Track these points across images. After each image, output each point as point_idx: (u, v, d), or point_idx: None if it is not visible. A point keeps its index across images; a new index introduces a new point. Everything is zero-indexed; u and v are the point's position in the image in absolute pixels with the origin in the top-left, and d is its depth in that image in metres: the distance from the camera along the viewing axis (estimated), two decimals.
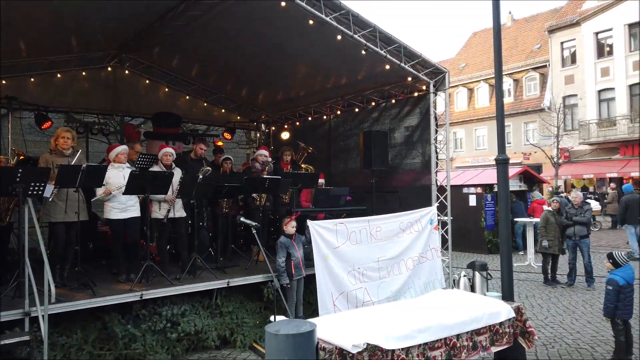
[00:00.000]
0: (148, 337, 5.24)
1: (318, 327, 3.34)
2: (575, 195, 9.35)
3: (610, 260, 5.35)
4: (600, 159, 25.89)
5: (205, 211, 7.56)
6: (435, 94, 7.98)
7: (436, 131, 7.95)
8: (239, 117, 11.76)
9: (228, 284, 5.96)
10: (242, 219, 4.98)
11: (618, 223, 10.05)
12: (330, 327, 3.74)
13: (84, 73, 9.26)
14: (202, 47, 8.44)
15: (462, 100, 33.81)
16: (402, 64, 7.28)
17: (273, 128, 12.00)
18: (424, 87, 8.02)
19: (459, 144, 33.99)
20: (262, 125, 12.20)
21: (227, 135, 11.33)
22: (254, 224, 4.66)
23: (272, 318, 3.99)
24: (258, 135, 12.34)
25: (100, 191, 5.76)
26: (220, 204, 7.28)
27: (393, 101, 8.73)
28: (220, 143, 10.75)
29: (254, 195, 7.35)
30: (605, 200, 19.68)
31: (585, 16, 26.62)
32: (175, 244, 7.01)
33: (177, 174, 6.30)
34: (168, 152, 6.47)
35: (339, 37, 6.63)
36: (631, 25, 24.71)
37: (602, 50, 26.16)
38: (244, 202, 7.83)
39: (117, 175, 5.87)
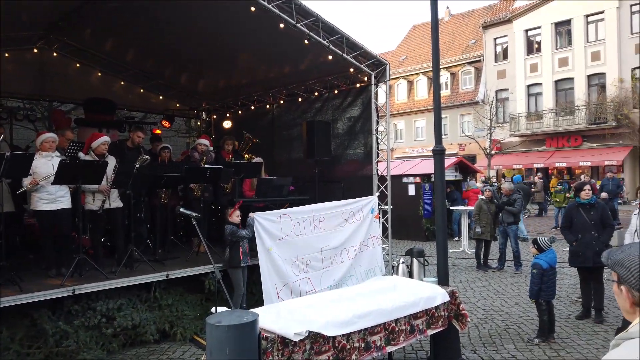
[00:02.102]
0: (81, 333, 5.02)
1: (260, 316, 3.34)
2: (503, 187, 9.94)
3: (535, 246, 5.72)
4: (528, 150, 27.52)
5: (142, 202, 7.31)
6: (377, 86, 8.12)
7: (377, 122, 8.11)
8: (178, 105, 11.40)
9: (167, 277, 5.82)
10: (181, 209, 4.85)
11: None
12: (273, 316, 3.75)
13: (7, 54, 8.59)
14: (138, 31, 8.07)
15: (402, 92, 34.67)
16: (345, 55, 7.34)
17: (214, 116, 11.74)
18: (366, 79, 8.14)
19: (399, 134, 34.88)
20: (203, 114, 11.90)
21: (166, 123, 10.95)
22: (194, 214, 4.55)
23: (213, 309, 3.94)
24: (198, 123, 12.03)
25: (26, 182, 5.41)
26: (159, 194, 7.06)
27: (336, 92, 8.80)
28: (158, 131, 10.38)
29: (192, 185, 7.19)
30: (532, 189, 20.92)
31: (516, 14, 28.02)
32: (111, 236, 6.73)
33: (111, 162, 6.04)
34: (107, 141, 6.18)
35: (281, 25, 6.57)
36: (557, 24, 26.31)
37: (532, 47, 27.68)
38: (183, 192, 7.63)
39: (46, 164, 5.54)
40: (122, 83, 10.24)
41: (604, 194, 12.28)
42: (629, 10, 23.90)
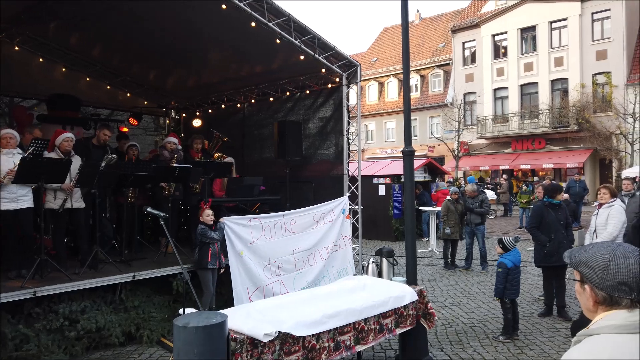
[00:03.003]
0: (43, 336, 4.86)
1: (229, 317, 3.31)
2: (467, 189, 10.17)
3: (500, 245, 5.85)
4: (494, 152, 28.21)
5: (108, 201, 7.13)
6: (348, 87, 8.17)
7: (348, 123, 8.15)
8: (146, 102, 11.16)
9: (134, 278, 5.68)
10: (148, 209, 4.76)
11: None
12: (242, 317, 3.72)
13: None
14: (105, 26, 7.85)
15: (373, 93, 34.99)
16: (316, 55, 7.35)
17: (184, 115, 11.56)
18: (337, 79, 8.17)
19: (370, 135, 35.18)
20: (172, 112, 11.69)
21: (133, 121, 10.70)
22: (162, 214, 4.47)
23: (181, 311, 3.88)
24: (167, 121, 11.82)
25: None
26: (125, 193, 6.90)
27: (307, 92, 8.80)
28: (125, 129, 10.13)
29: (163, 184, 7.06)
30: (498, 190, 21.47)
31: (484, 19, 28.68)
32: (74, 236, 6.54)
33: (76, 161, 5.86)
34: (69, 137, 5.99)
35: (253, 24, 6.53)
36: (523, 30, 27.08)
37: (498, 51, 28.39)
38: (151, 191, 7.49)
39: (7, 161, 5.33)
40: (88, 79, 9.94)
41: (566, 195, 12.68)
42: (590, 18, 24.82)
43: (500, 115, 28.01)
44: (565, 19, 25.44)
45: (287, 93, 9.13)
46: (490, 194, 21.27)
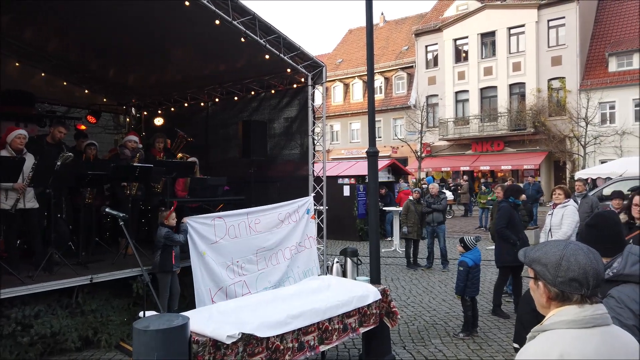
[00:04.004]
0: None
1: (192, 319, 3.25)
2: (432, 187, 10.40)
3: (462, 244, 5.99)
4: (455, 154, 28.89)
5: (64, 201, 6.87)
6: (313, 87, 8.18)
7: (314, 123, 8.17)
8: (105, 100, 10.83)
9: (91, 280, 5.50)
10: (107, 209, 4.62)
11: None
12: (205, 319, 3.66)
13: None
14: (62, 19, 7.57)
15: (339, 94, 35.19)
16: (282, 55, 7.32)
17: (145, 113, 11.29)
18: (303, 80, 8.17)
19: (335, 136, 35.35)
20: (133, 110, 11.39)
21: (92, 119, 10.36)
22: (121, 214, 4.34)
23: (141, 314, 3.78)
24: (127, 120, 11.50)
25: None
26: (82, 193, 6.67)
27: (273, 92, 8.75)
28: (83, 127, 9.80)
29: (125, 184, 6.86)
30: (459, 191, 21.98)
31: (446, 23, 29.33)
32: (28, 238, 6.27)
33: (30, 159, 5.62)
34: (21, 134, 5.73)
35: (217, 22, 6.44)
36: (483, 35, 27.85)
37: (460, 55, 29.10)
38: (111, 191, 7.27)
39: None
40: (43, 74, 9.56)
41: (523, 196, 13.09)
42: (546, 25, 25.79)
43: (461, 117, 28.71)
44: (522, 25, 26.33)
45: (252, 92, 9.05)
46: (448, 195, 21.77)
